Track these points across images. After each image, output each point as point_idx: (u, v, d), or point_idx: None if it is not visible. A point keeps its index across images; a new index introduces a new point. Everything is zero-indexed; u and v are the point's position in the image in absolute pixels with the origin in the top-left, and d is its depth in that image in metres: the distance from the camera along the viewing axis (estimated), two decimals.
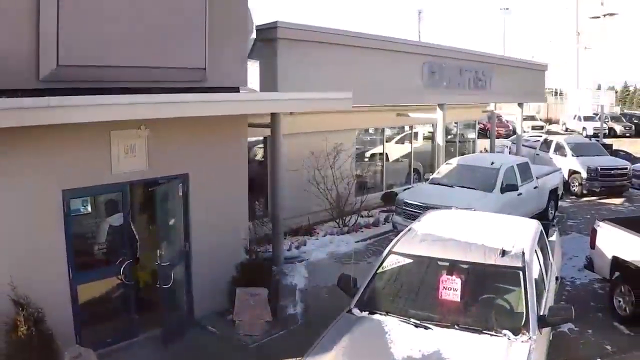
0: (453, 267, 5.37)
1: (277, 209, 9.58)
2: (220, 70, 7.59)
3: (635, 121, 46.61)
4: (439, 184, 12.17)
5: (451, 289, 5.24)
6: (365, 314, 5.35)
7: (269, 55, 10.03)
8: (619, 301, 8.18)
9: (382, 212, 14.62)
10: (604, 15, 34.02)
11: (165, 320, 7.36)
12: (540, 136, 32.88)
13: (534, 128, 41.45)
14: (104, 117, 5.69)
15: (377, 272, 5.71)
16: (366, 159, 16.53)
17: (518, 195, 11.91)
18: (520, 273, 5.20)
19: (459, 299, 5.21)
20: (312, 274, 10.18)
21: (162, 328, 7.31)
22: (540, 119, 47.37)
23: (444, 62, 14.41)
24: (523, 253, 5.39)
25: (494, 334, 4.84)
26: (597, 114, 47.87)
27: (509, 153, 23.94)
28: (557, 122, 51.05)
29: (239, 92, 7.96)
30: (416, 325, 5.00)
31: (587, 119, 44.26)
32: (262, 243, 10.95)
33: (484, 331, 4.87)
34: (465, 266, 5.38)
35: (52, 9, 6.00)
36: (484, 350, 4.67)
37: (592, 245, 8.80)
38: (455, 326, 4.96)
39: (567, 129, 47.55)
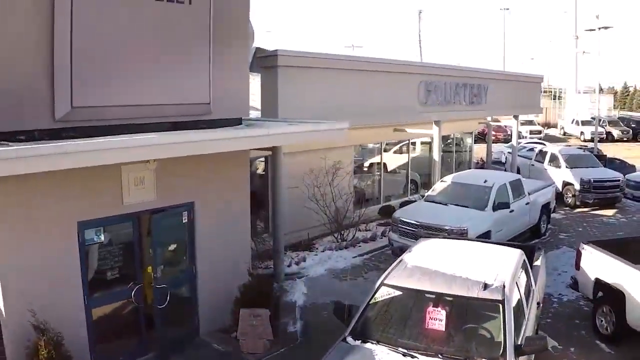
0: (439, 299, 5.85)
1: (279, 230, 10.09)
2: (224, 103, 8.07)
3: (632, 125, 47.08)
4: (433, 201, 12.63)
5: (436, 319, 5.72)
6: (358, 342, 5.83)
7: (270, 80, 10.51)
8: (601, 320, 8.65)
9: (379, 225, 15.06)
10: (599, 29, 34.64)
11: (164, 339, 7.87)
12: (538, 142, 33.35)
13: (532, 133, 41.83)
14: (117, 160, 6.18)
15: (370, 303, 6.17)
16: (365, 169, 16.95)
17: (510, 212, 12.35)
18: (500, 306, 5.67)
19: (443, 329, 5.69)
20: (311, 290, 10.68)
21: (161, 346, 7.83)
22: (539, 123, 47.75)
23: (440, 80, 14.87)
24: (504, 286, 5.86)
25: None
26: (595, 118, 48.32)
27: (506, 160, 24.35)
28: (555, 126, 51.49)
29: (241, 122, 8.45)
30: (404, 354, 5.47)
31: (584, 123, 44.76)
32: (263, 259, 11.44)
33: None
34: (449, 298, 5.86)
35: (66, 55, 6.47)
36: None
37: (577, 266, 9.27)
38: (439, 355, 5.43)
39: (565, 133, 48.02)
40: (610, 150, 38.63)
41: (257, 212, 12.33)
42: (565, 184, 18.56)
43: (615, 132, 44.96)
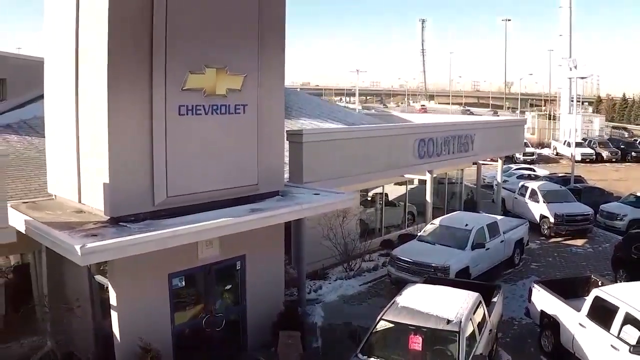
0: (417, 329, 8.88)
1: (302, 269, 13.10)
2: (266, 181, 11.12)
3: (622, 146, 49.96)
4: (424, 241, 15.65)
5: (416, 343, 8.77)
6: (365, 357, 8.85)
7: (296, 152, 13.53)
8: (545, 341, 11.64)
9: (381, 255, 18.03)
10: (576, 77, 38.06)
11: (222, 353, 10.83)
12: (527, 168, 36.29)
13: (525, 154, 44.62)
14: (201, 238, 9.32)
15: (373, 331, 9.21)
16: (369, 198, 19.81)
17: (486, 250, 15.35)
18: (457, 334, 8.68)
19: (420, 349, 8.72)
20: (327, 314, 13.71)
21: (221, 358, 10.80)
22: (532, 144, 50.65)
23: (432, 135, 17.88)
24: (461, 321, 8.87)
25: None
26: (585, 139, 51.36)
27: (496, 184, 26.92)
28: (549, 146, 54.44)
29: (278, 193, 11.49)
30: None
31: (575, 144, 47.43)
32: (288, 286, 14.40)
33: None
34: (425, 329, 8.89)
35: (162, 160, 9.54)
36: None
37: (529, 299, 12.28)
38: None
39: (557, 154, 50.97)
40: (598, 171, 41.67)
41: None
42: (542, 217, 21.55)
43: (605, 153, 47.84)
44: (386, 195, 20.59)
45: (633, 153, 48.60)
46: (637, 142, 52.81)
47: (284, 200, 11.14)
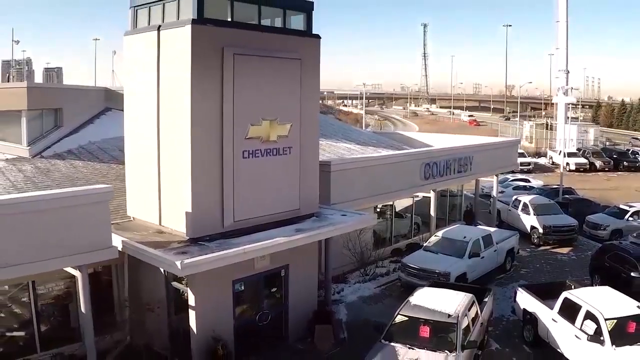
0: (426, 322, 11.85)
1: (329, 273, 16.03)
2: (305, 205, 14.13)
3: (615, 156, 52.66)
4: (429, 251, 18.60)
5: (425, 331, 11.73)
6: (387, 342, 11.81)
7: (324, 179, 16.45)
8: (526, 333, 14.56)
9: (391, 262, 20.89)
10: (566, 88, 41.04)
11: (269, 342, 13.73)
12: (522, 179, 39.07)
13: (522, 164, 47.29)
14: (262, 253, 12.29)
15: (392, 323, 12.16)
16: (378, 209, 22.59)
17: (481, 258, 18.28)
18: (456, 325, 11.63)
19: (428, 336, 11.68)
20: (349, 312, 16.59)
21: (269, 346, 13.70)
22: (528, 154, 53.36)
23: (436, 159, 20.83)
24: (458, 316, 11.82)
25: (441, 352, 11.30)
26: (579, 149, 54.20)
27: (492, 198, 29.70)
28: (545, 155, 57.24)
29: (314, 215, 14.44)
30: (409, 348, 11.47)
31: (570, 155, 49.94)
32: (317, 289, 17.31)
33: (437, 350, 11.33)
34: (431, 321, 11.85)
35: (230, 193, 12.52)
36: (436, 358, 11.16)
37: (514, 300, 15.21)
38: (425, 348, 11.42)
39: (553, 163, 53.74)
40: (591, 181, 44.35)
41: None
42: (532, 227, 24.41)
43: (598, 163, 50.51)
44: (394, 206, 23.39)
45: (625, 162, 51.29)
46: (630, 151, 55.52)
47: (320, 221, 14.11)
